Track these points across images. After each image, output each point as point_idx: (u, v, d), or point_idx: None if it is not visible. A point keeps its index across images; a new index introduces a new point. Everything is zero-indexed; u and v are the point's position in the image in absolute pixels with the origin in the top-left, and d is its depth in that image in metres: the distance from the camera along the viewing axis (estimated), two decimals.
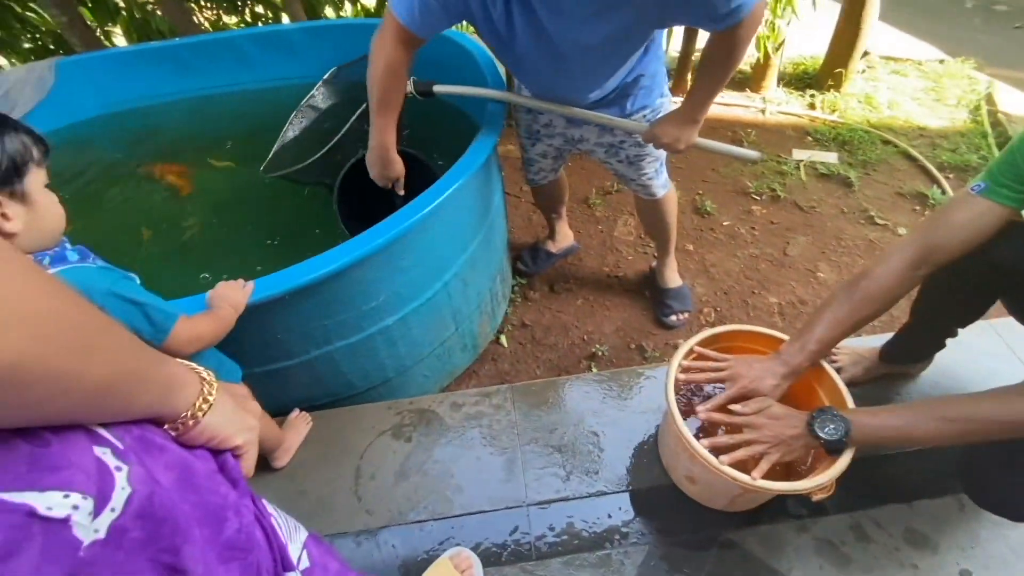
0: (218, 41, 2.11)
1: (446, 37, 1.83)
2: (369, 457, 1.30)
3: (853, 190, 2.25)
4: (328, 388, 1.39)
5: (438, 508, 1.21)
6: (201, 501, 0.43)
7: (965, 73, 2.92)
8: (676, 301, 1.79)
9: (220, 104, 2.21)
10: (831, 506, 1.15)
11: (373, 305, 1.22)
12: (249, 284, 1.01)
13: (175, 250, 1.79)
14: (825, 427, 0.87)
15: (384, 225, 1.09)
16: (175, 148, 2.14)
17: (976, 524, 1.13)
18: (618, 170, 1.52)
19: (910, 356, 1.28)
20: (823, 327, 0.95)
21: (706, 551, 1.11)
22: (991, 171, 0.87)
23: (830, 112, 2.71)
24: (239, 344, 1.13)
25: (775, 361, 0.97)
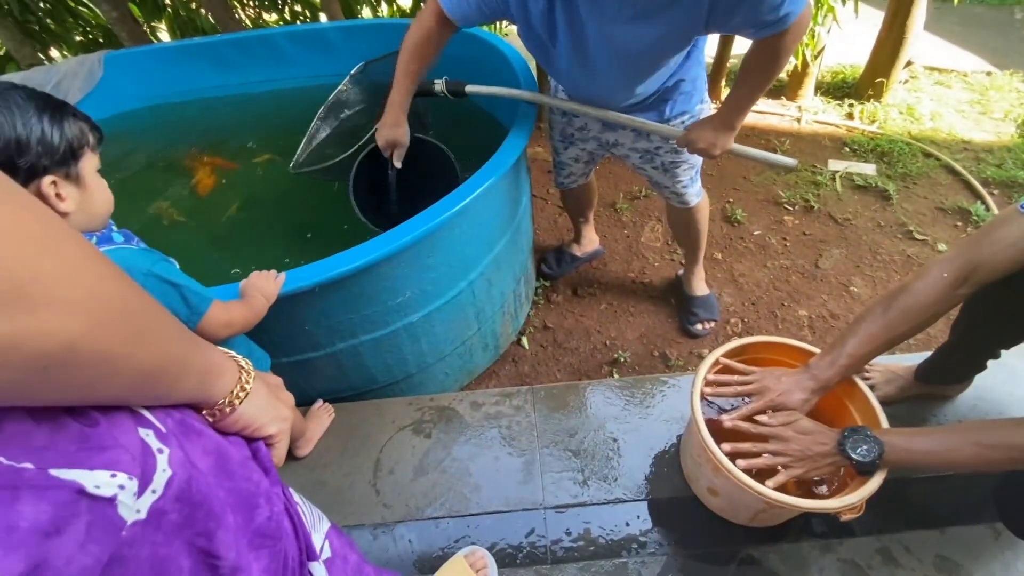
0: (257, 38, 2.17)
1: (480, 39, 1.84)
2: (388, 451, 1.31)
3: (891, 203, 2.18)
4: (351, 381, 1.41)
5: (455, 506, 1.21)
6: (235, 487, 0.44)
7: (1013, 86, 2.81)
8: (703, 309, 1.76)
9: (258, 100, 2.26)
10: (858, 527, 1.12)
11: (399, 301, 1.23)
12: (281, 275, 1.03)
13: (208, 241, 1.84)
14: (858, 448, 0.84)
15: (412, 223, 1.10)
16: (214, 141, 2.20)
17: (1012, 555, 1.08)
18: (652, 176, 1.51)
19: (948, 377, 1.24)
20: (856, 342, 0.92)
21: (726, 566, 1.09)
22: None
23: (869, 123, 2.63)
24: (269, 333, 1.16)
25: (804, 375, 0.95)
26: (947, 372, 1.22)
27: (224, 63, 2.23)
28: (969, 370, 1.21)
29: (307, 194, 1.95)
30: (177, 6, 2.86)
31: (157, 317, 0.38)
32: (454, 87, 1.44)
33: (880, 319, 0.91)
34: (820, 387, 0.94)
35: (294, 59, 2.16)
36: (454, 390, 1.61)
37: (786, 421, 0.90)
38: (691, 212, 1.58)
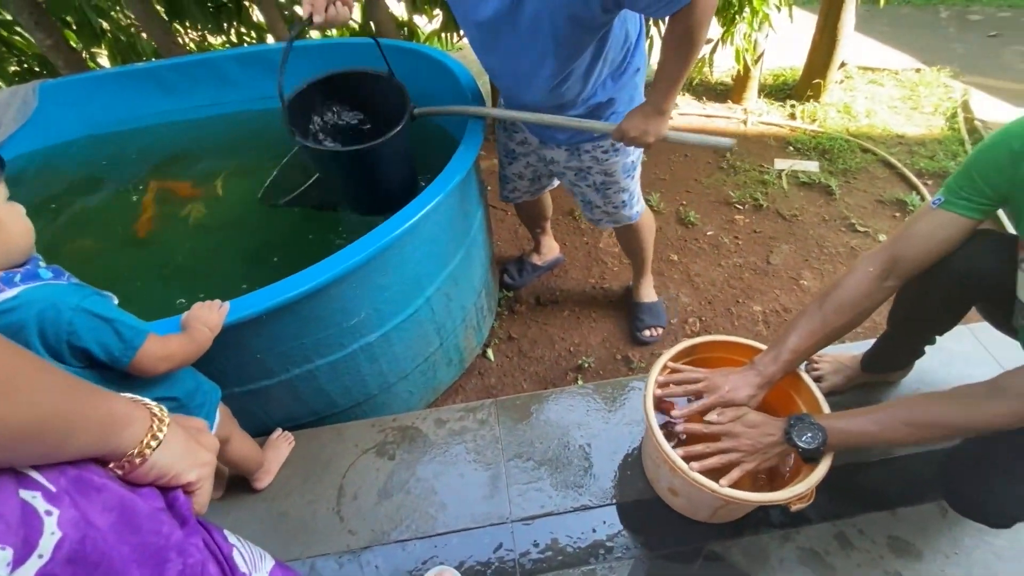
0: (200, 62, 2.12)
1: (429, 57, 1.85)
2: (352, 476, 1.29)
3: (834, 198, 2.28)
4: (310, 407, 1.38)
5: (421, 527, 1.19)
6: (142, 542, 0.42)
7: (941, 82, 2.98)
8: (649, 316, 1.80)
9: (206, 124, 2.21)
10: (814, 515, 1.15)
11: (353, 323, 1.21)
12: (224, 305, 1.00)
13: (161, 271, 1.78)
14: (803, 435, 0.87)
15: (361, 243, 1.09)
16: (162, 168, 2.14)
17: (959, 531, 1.13)
18: (587, 196, 1.51)
19: (890, 364, 1.29)
20: (796, 337, 0.96)
21: (691, 564, 1.11)
22: (949, 184, 0.89)
23: (810, 122, 2.75)
24: (218, 364, 1.13)
25: (750, 371, 0.98)
26: (889, 360, 1.27)
27: (168, 88, 2.17)
28: (908, 356, 1.27)
29: (267, 217, 1.91)
30: (116, 31, 2.78)
31: (34, 375, 0.36)
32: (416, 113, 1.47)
33: (817, 315, 0.96)
34: (765, 382, 0.97)
35: (240, 82, 2.13)
36: (420, 408, 1.60)
37: (734, 417, 0.92)
38: (632, 228, 1.61)
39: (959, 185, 0.87)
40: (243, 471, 1.23)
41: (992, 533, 1.11)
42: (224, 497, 1.26)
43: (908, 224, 0.94)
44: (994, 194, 0.85)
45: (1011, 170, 0.81)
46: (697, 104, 3.01)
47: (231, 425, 1.13)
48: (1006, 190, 0.83)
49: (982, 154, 0.85)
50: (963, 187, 0.87)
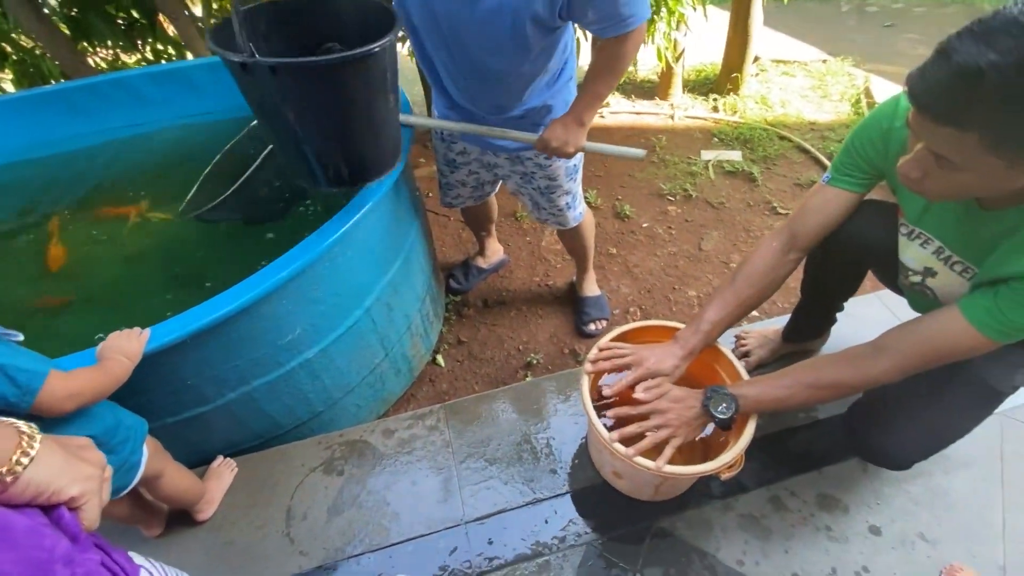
0: (112, 82, 2.02)
1: None
2: (300, 497, 1.26)
3: (757, 184, 2.42)
4: (252, 430, 1.34)
5: (375, 539, 1.18)
6: (21, 557, 0.41)
7: (845, 71, 3.22)
8: (594, 309, 1.86)
9: (123, 147, 2.11)
10: (750, 482, 1.22)
11: (288, 340, 1.19)
12: (144, 332, 0.96)
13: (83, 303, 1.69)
14: (719, 406, 0.93)
15: (287, 258, 1.07)
16: (75, 196, 2.02)
17: (879, 482, 1.22)
18: (533, 198, 1.56)
19: (808, 333, 1.39)
20: (713, 310, 1.02)
21: (640, 543, 1.15)
22: (835, 163, 0.98)
23: (731, 113, 2.91)
24: (146, 395, 1.09)
25: (674, 344, 1.04)
26: (805, 329, 1.37)
27: (78, 111, 2.06)
28: (822, 324, 1.37)
29: (196, 239, 1.84)
30: (21, 54, 2.61)
31: None
32: None
33: (730, 289, 1.02)
34: (688, 353, 1.03)
35: (156, 101, 2.04)
36: (371, 421, 1.58)
37: (658, 393, 0.97)
38: (574, 231, 1.66)
39: (842, 163, 0.96)
40: (182, 505, 1.18)
41: (908, 480, 1.21)
42: (164, 533, 1.21)
43: (804, 201, 1.02)
44: (872, 169, 0.94)
45: (883, 147, 0.89)
46: (627, 102, 3.12)
47: (163, 459, 1.08)
48: (881, 165, 0.92)
49: (858, 134, 0.93)
50: (846, 164, 0.95)
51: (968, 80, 0.57)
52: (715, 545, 1.13)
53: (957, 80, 0.58)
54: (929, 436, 0.98)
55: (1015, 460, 1.24)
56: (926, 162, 0.68)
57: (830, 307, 1.29)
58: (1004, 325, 0.77)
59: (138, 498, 1.12)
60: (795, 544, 1.13)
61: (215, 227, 1.79)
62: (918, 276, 0.98)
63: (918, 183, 0.71)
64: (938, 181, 0.69)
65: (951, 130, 0.61)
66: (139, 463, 0.97)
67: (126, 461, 0.94)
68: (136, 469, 0.96)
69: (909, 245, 0.96)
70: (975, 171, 0.64)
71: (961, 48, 0.57)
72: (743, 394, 0.94)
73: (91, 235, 1.91)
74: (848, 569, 1.09)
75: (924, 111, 0.63)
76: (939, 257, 0.91)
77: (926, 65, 0.62)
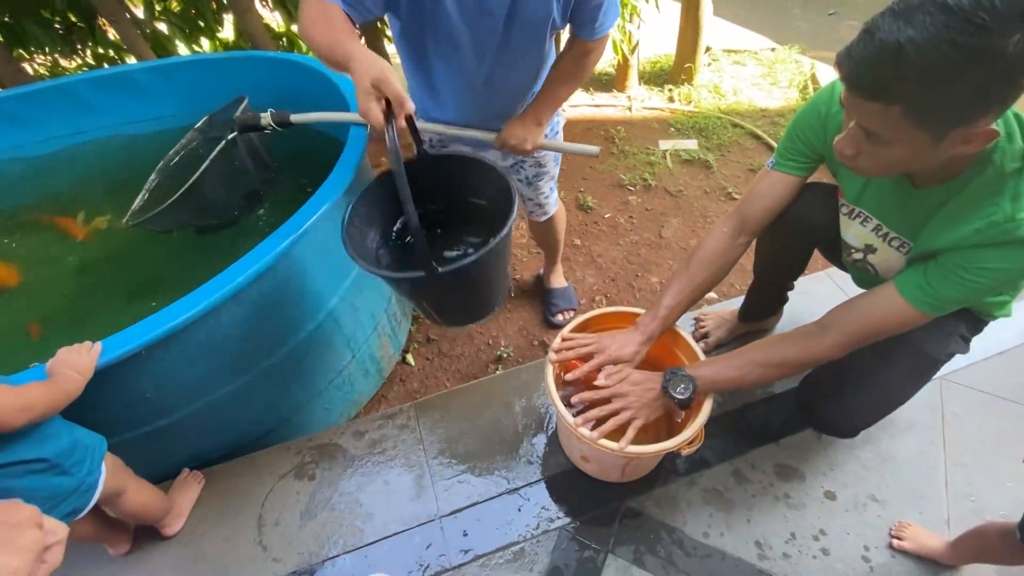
0: (52, 89, 1.93)
1: (312, 70, 1.80)
2: (271, 504, 1.25)
3: (712, 171, 2.49)
4: (218, 441, 1.31)
5: (349, 540, 1.18)
6: None
7: (792, 58, 3.33)
8: (562, 300, 1.89)
9: (65, 157, 2.02)
10: (713, 458, 1.27)
11: (250, 346, 1.18)
12: (96, 346, 0.94)
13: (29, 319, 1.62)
14: (677, 387, 0.96)
15: (243, 263, 1.06)
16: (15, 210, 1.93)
17: (833, 450, 1.29)
18: (519, 190, 1.56)
19: (762, 312, 1.45)
20: (669, 296, 1.06)
21: (611, 524, 1.18)
22: (778, 148, 1.02)
23: (686, 103, 2.97)
24: (102, 410, 1.05)
25: (634, 331, 1.07)
26: (759, 309, 1.43)
27: (17, 120, 1.96)
28: (775, 303, 1.43)
29: (151, 250, 1.79)
30: None
31: None
32: (279, 118, 1.40)
33: (685, 275, 1.06)
34: (647, 338, 1.07)
35: (100, 107, 1.96)
36: (341, 424, 1.57)
37: (619, 378, 1.00)
38: (550, 221, 1.68)
39: (785, 148, 1.00)
40: (147, 521, 1.16)
41: (859, 447, 1.28)
42: (132, 549, 1.18)
43: (751, 186, 1.06)
44: (812, 153, 0.99)
45: (822, 131, 0.94)
46: (585, 95, 3.16)
47: (124, 476, 1.05)
48: (821, 148, 0.97)
49: (799, 120, 0.98)
50: (788, 150, 1.00)
51: (889, 56, 0.60)
52: (682, 520, 1.18)
53: (880, 56, 0.60)
54: (874, 404, 1.04)
55: (955, 421, 1.32)
56: (858, 139, 0.71)
57: (781, 287, 1.35)
58: (934, 299, 0.82)
59: (102, 516, 1.09)
60: (756, 513, 1.18)
61: (170, 237, 1.74)
62: (859, 253, 1.03)
63: (852, 160, 0.74)
64: (870, 157, 0.72)
65: (878, 105, 0.64)
66: (96, 483, 0.94)
67: (83, 483, 0.92)
68: (93, 490, 0.94)
69: (850, 224, 1.01)
70: (903, 145, 0.68)
71: (883, 26, 0.60)
72: (700, 375, 0.98)
73: (39, 250, 1.84)
74: (806, 533, 1.15)
75: (853, 88, 0.66)
76: (878, 234, 0.96)
77: (853, 44, 0.64)
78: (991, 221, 0.73)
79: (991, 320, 1.01)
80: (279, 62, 1.84)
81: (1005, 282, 0.79)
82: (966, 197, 0.77)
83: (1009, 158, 0.72)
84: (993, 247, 0.75)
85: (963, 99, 0.61)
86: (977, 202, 0.75)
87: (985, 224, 0.74)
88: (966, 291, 0.79)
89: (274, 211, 1.67)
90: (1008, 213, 0.72)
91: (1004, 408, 1.34)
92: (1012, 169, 0.72)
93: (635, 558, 1.13)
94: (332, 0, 0.94)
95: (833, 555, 1.12)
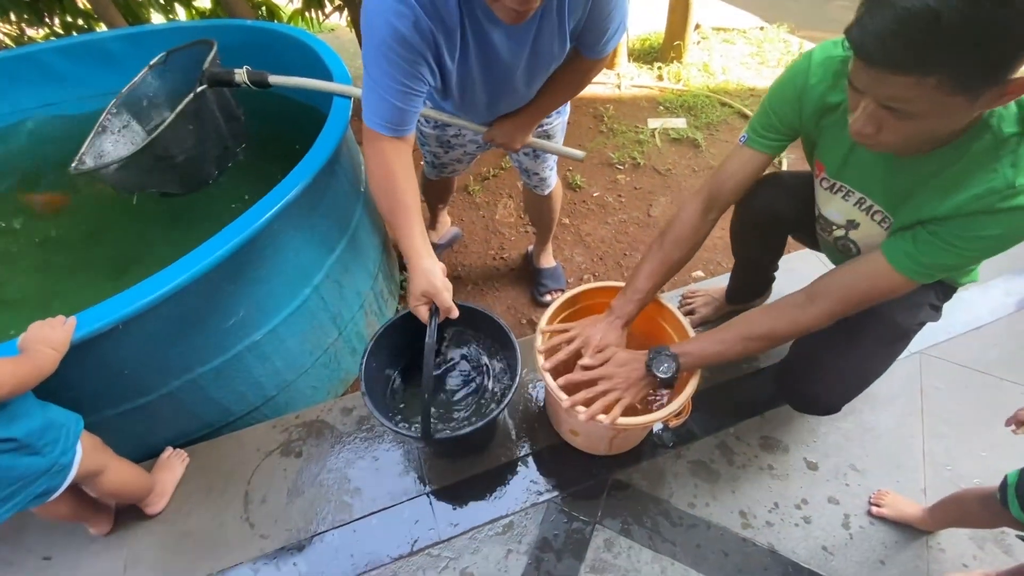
0: (18, 58, 1.85)
1: (292, 39, 1.74)
2: (257, 481, 1.24)
3: (701, 150, 2.48)
4: (202, 419, 1.29)
5: (338, 516, 1.18)
6: None
7: (781, 37, 3.31)
8: (551, 280, 1.89)
9: (34, 130, 1.94)
10: (699, 431, 1.29)
11: (232, 322, 1.15)
12: (70, 320, 0.91)
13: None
14: (660, 366, 0.96)
15: (222, 236, 1.03)
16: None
17: (815, 421, 1.31)
18: (523, 163, 1.54)
19: (747, 294, 1.45)
20: (643, 276, 1.05)
21: (599, 496, 1.19)
22: (752, 124, 0.99)
23: (675, 82, 2.95)
24: (79, 387, 1.03)
25: (611, 317, 1.07)
26: (744, 291, 1.43)
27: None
28: (760, 285, 1.43)
29: (126, 224, 1.73)
30: None
31: None
32: (256, 77, 1.34)
33: (657, 254, 1.06)
34: (626, 322, 1.06)
35: (70, 77, 1.88)
36: (325, 402, 1.55)
37: (605, 359, 1.00)
38: (548, 197, 1.67)
39: (760, 123, 0.98)
40: (129, 500, 1.14)
41: (840, 419, 1.31)
42: (115, 529, 1.16)
43: (722, 163, 1.05)
44: (787, 129, 0.96)
45: (798, 105, 0.92)
46: None
47: (102, 455, 1.03)
48: (796, 124, 0.94)
49: (774, 92, 0.95)
50: (763, 125, 0.97)
51: (923, 23, 0.54)
52: (668, 491, 1.19)
53: (910, 25, 0.55)
54: (850, 380, 1.04)
55: (933, 393, 1.35)
56: (878, 116, 0.67)
57: (764, 269, 1.35)
58: (922, 266, 0.81)
59: (81, 495, 1.07)
60: (741, 484, 1.20)
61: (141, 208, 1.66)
62: (841, 230, 1.03)
63: (872, 138, 0.70)
64: (894, 132, 0.68)
65: (910, 78, 0.59)
66: (71, 464, 0.92)
67: (55, 463, 0.89)
68: (67, 470, 0.92)
69: (831, 199, 1.00)
70: (935, 115, 0.63)
71: None
72: (684, 351, 0.98)
73: (12, 225, 1.77)
74: (789, 502, 1.18)
75: (877, 64, 0.60)
76: (861, 208, 0.96)
77: (863, 18, 0.59)
78: (990, 187, 0.71)
79: (959, 286, 1.02)
80: (258, 30, 1.78)
81: (998, 249, 0.77)
82: (965, 164, 0.74)
83: (1007, 123, 0.70)
84: (991, 214, 0.73)
85: (1008, 54, 0.57)
86: (975, 169, 0.73)
87: (984, 190, 0.72)
88: (959, 258, 0.78)
89: (246, 177, 1.60)
90: (1009, 179, 0.70)
91: (980, 380, 1.38)
92: (1010, 133, 0.70)
93: (622, 529, 1.14)
94: (379, 129, 0.96)
95: (814, 523, 1.15)
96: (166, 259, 1.01)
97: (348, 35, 2.07)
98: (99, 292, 1.50)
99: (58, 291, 1.59)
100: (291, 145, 1.53)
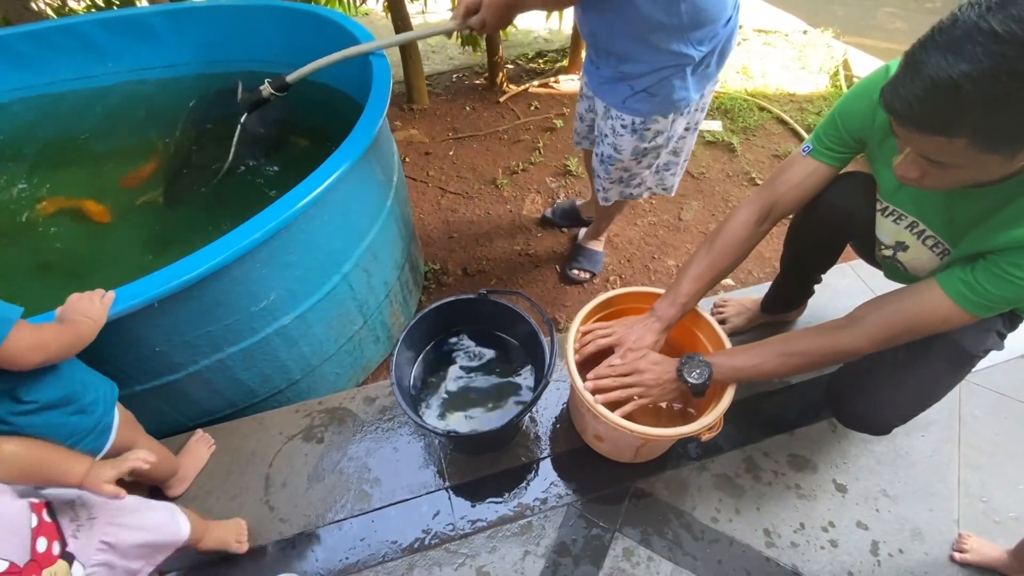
0: (59, 28, 1.86)
1: (328, 20, 1.72)
2: (279, 464, 1.24)
3: (736, 155, 2.42)
4: (227, 398, 1.30)
5: (357, 505, 1.18)
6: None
7: (824, 42, 3.21)
8: (587, 260, 1.88)
9: (69, 101, 1.96)
10: (726, 444, 1.26)
11: (263, 305, 1.15)
12: (108, 294, 0.91)
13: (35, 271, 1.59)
14: (692, 372, 0.94)
15: (259, 219, 1.02)
16: (15, 155, 1.87)
17: (846, 443, 1.28)
18: (598, 160, 1.47)
19: (785, 305, 1.41)
20: (688, 282, 1.02)
21: (620, 503, 1.18)
22: (817, 134, 0.96)
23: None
24: (113, 362, 1.04)
25: (651, 318, 1.04)
26: (783, 301, 1.39)
27: (22, 60, 1.89)
28: (800, 296, 1.39)
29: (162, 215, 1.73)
30: None
31: None
32: (277, 84, 1.43)
33: (705, 259, 1.03)
34: (666, 326, 1.03)
35: (110, 51, 1.89)
36: (349, 388, 1.56)
37: (637, 355, 0.98)
38: (602, 207, 1.64)
39: (826, 134, 0.95)
40: (153, 480, 1.15)
41: (873, 441, 1.27)
42: None
43: (781, 171, 1.01)
44: (855, 143, 0.93)
45: (871, 118, 0.89)
46: None
47: (134, 430, 1.04)
48: (866, 137, 0.92)
49: (846, 104, 0.92)
50: (830, 136, 0.95)
51: (945, 93, 0.57)
52: (691, 504, 1.17)
53: (933, 94, 0.58)
54: (909, 401, 1.00)
55: (972, 422, 1.31)
56: (920, 163, 0.69)
57: (808, 279, 1.31)
58: (982, 298, 0.78)
59: None
60: (766, 502, 1.17)
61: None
62: (889, 250, 0.99)
63: (918, 182, 0.72)
64: (937, 178, 0.70)
65: (940, 139, 0.62)
66: (111, 425, 0.94)
67: (99, 422, 0.92)
68: (109, 431, 0.94)
69: (883, 221, 0.97)
70: (974, 167, 0.65)
71: (929, 61, 0.58)
72: (717, 362, 0.96)
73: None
74: (815, 524, 1.15)
75: (906, 124, 0.63)
76: (912, 231, 0.92)
77: (898, 79, 0.62)
78: None
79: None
80: (302, 14, 1.76)
81: None
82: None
83: None
84: None
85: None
86: None
87: None
88: (1019, 291, 0.75)
89: (284, 164, 1.65)
90: None
91: (1022, 411, 1.32)
92: None
93: (642, 538, 1.12)
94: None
95: (841, 547, 1.12)
96: (209, 238, 1.01)
97: (383, 20, 2.06)
98: (142, 265, 1.53)
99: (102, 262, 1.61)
100: (336, 132, 1.52)
